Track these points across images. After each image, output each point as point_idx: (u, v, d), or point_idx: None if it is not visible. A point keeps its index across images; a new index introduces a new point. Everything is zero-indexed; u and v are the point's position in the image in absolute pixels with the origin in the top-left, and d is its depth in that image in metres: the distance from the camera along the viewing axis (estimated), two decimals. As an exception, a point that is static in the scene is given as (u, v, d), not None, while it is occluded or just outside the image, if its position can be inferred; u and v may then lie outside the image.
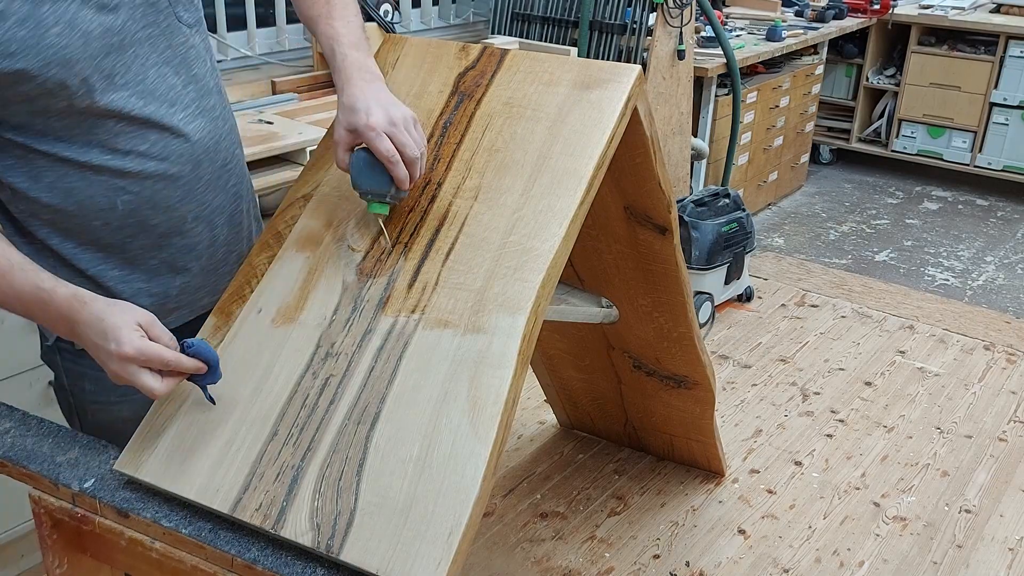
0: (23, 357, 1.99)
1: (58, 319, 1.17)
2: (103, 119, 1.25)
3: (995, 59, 4.74)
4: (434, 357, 1.25)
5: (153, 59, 1.28)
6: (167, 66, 1.30)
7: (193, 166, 1.36)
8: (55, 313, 1.17)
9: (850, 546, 2.34)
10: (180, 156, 1.33)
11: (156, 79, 1.29)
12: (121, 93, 1.25)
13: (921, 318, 3.55)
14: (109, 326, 1.13)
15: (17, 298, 1.17)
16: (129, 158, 1.29)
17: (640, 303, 2.05)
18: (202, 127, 1.36)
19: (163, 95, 1.30)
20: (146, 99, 1.28)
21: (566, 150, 1.40)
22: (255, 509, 1.17)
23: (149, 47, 1.27)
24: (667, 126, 3.67)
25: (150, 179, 1.32)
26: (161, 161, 1.31)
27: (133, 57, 1.25)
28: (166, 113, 1.30)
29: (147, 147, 1.30)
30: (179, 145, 1.33)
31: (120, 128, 1.27)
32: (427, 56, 1.57)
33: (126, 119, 1.27)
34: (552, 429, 2.80)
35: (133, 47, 1.25)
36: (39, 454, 1.30)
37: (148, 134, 1.29)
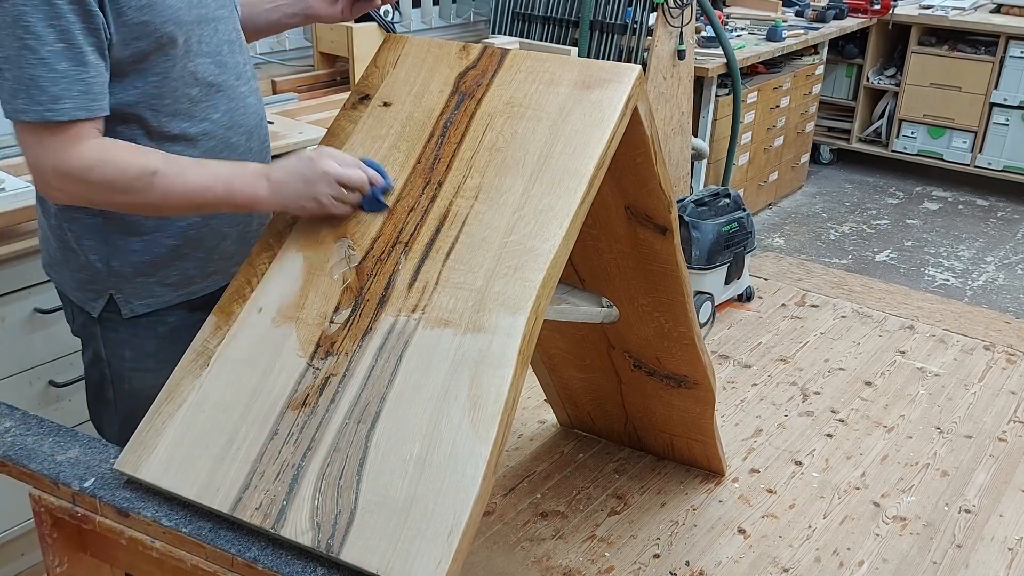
0: (23, 357, 1.99)
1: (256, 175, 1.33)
2: (189, 84, 1.38)
3: (995, 59, 4.74)
4: (434, 356, 1.25)
5: (225, 36, 1.43)
6: (233, 44, 1.45)
7: (247, 137, 1.49)
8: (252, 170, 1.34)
9: (850, 546, 2.34)
10: (240, 126, 1.46)
11: (227, 53, 1.44)
12: (205, 59, 1.39)
13: (921, 318, 3.55)
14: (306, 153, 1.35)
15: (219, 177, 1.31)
16: (204, 124, 1.41)
17: (640, 303, 2.05)
18: (255, 103, 1.51)
19: (232, 68, 1.44)
20: (221, 68, 1.42)
21: (567, 150, 1.40)
22: (255, 508, 1.17)
23: (223, 25, 1.42)
24: (667, 126, 3.67)
25: (216, 146, 1.43)
26: (227, 129, 1.45)
27: (213, 30, 1.40)
28: (235, 84, 1.45)
29: (218, 116, 1.42)
30: (242, 116, 1.46)
31: (199, 94, 1.40)
32: (428, 56, 1.57)
33: (206, 85, 1.40)
34: (552, 428, 2.80)
35: (214, 22, 1.40)
36: (39, 453, 1.30)
37: (220, 102, 1.42)
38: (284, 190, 1.34)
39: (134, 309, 1.48)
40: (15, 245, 1.90)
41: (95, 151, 1.25)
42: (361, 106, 1.54)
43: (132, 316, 1.48)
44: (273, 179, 1.34)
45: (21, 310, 1.96)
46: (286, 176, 1.34)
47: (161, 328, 1.50)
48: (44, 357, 2.02)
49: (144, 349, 1.50)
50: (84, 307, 1.50)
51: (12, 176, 1.97)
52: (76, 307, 1.53)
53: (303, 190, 1.34)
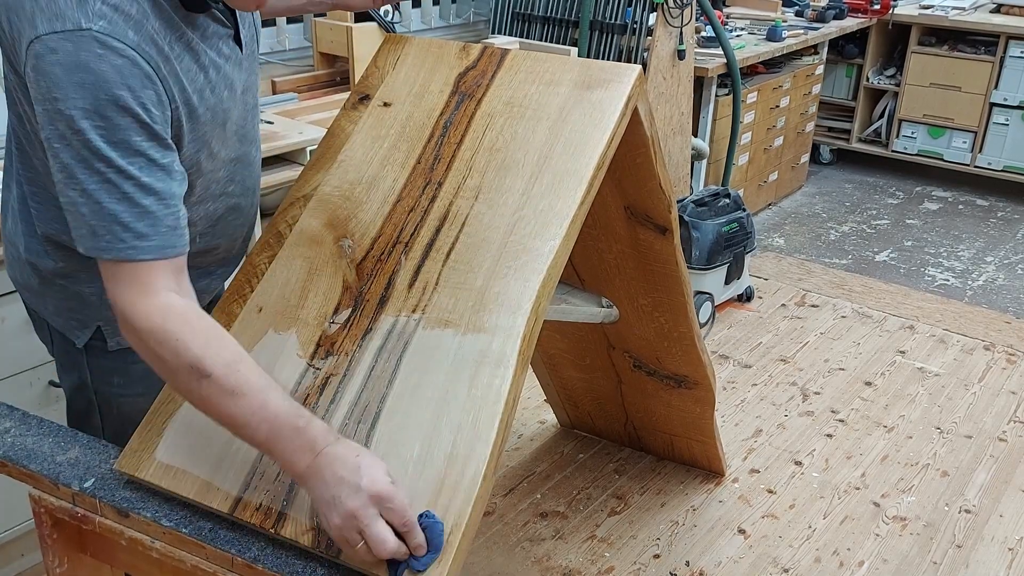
0: (23, 357, 1.99)
1: (307, 448, 1.08)
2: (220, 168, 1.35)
3: (995, 59, 4.74)
4: (435, 356, 1.25)
5: (251, 104, 1.41)
6: (255, 108, 1.43)
7: (252, 194, 1.48)
8: (306, 438, 1.09)
9: (850, 546, 2.34)
10: (249, 189, 1.46)
11: (250, 120, 1.41)
12: (232, 139, 1.36)
13: (921, 318, 3.55)
14: (366, 462, 1.08)
15: (270, 420, 1.09)
16: (221, 199, 1.39)
17: (640, 303, 2.05)
18: (258, 158, 1.51)
19: (251, 135, 1.43)
20: (242, 141, 1.40)
21: (567, 150, 1.40)
22: (255, 509, 1.17)
23: (251, 94, 1.39)
24: (667, 126, 3.67)
25: (229, 212, 1.42)
26: (239, 196, 1.43)
27: (243, 104, 1.37)
28: (250, 150, 1.42)
29: (234, 187, 1.41)
30: (251, 179, 1.45)
31: (225, 174, 1.37)
32: (428, 56, 1.57)
33: (230, 162, 1.37)
34: (552, 428, 2.80)
35: (243, 95, 1.36)
36: (39, 454, 1.30)
37: (236, 173, 1.40)
38: (316, 485, 1.09)
39: (121, 342, 1.39)
40: (15, 245, 1.90)
41: (159, 317, 1.11)
42: (361, 106, 1.54)
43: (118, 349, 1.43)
44: (317, 465, 1.08)
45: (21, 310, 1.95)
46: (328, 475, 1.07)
47: None
48: (44, 357, 2.02)
49: (132, 375, 1.44)
50: (67, 335, 1.44)
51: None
52: (56, 332, 1.46)
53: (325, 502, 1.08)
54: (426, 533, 1.09)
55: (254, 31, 1.41)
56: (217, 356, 1.10)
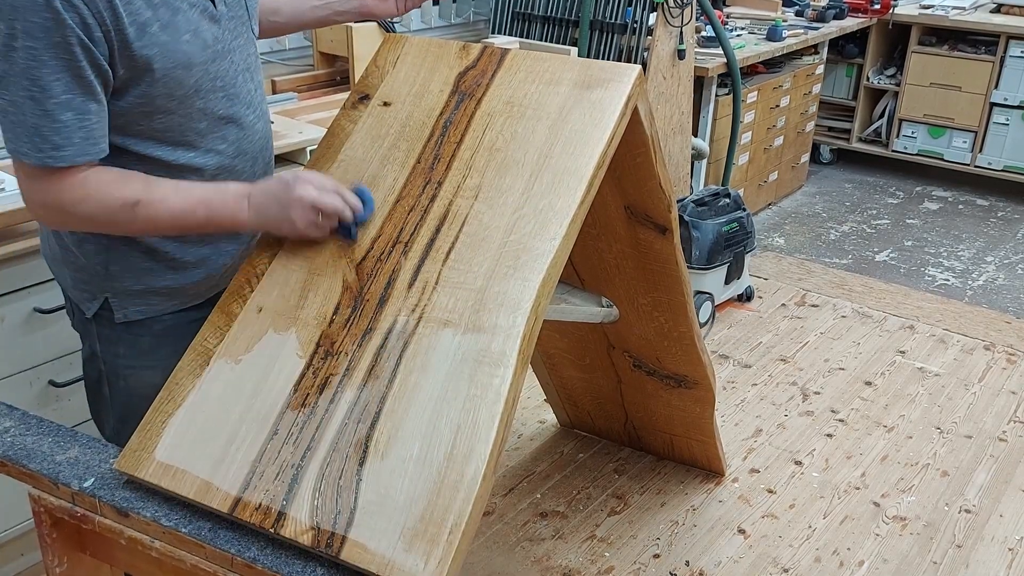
0: (23, 357, 1.99)
1: (237, 197, 1.35)
2: (197, 119, 1.38)
3: (995, 59, 4.73)
4: (434, 356, 1.25)
5: (239, 66, 1.43)
6: (247, 72, 1.46)
7: (252, 163, 1.49)
8: (234, 191, 1.35)
9: (850, 546, 2.34)
10: (246, 153, 1.47)
11: (240, 83, 1.43)
12: (217, 95, 1.39)
13: (921, 318, 3.55)
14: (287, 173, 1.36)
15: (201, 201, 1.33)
16: (210, 155, 1.42)
17: (640, 302, 2.05)
18: (262, 127, 1.51)
19: (243, 97, 1.45)
20: (231, 100, 1.42)
21: (567, 149, 1.40)
22: (255, 508, 1.17)
23: (238, 55, 1.43)
24: (667, 126, 3.67)
25: (222, 173, 1.44)
26: (233, 158, 1.45)
27: (229, 63, 1.40)
28: (243, 113, 1.45)
29: (224, 145, 1.43)
30: (247, 142, 1.47)
31: (207, 127, 1.40)
32: (428, 55, 1.57)
33: (215, 118, 1.41)
34: (552, 428, 2.80)
35: (229, 54, 1.40)
36: (39, 453, 1.30)
37: (227, 133, 1.43)
38: (263, 212, 1.35)
39: (128, 315, 1.48)
40: (15, 245, 1.90)
41: (79, 187, 1.27)
42: (361, 106, 1.54)
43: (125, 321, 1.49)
44: (252, 202, 1.35)
45: (21, 310, 1.96)
46: (264, 198, 1.35)
47: (157, 327, 1.50)
48: (44, 357, 2.02)
49: (139, 347, 1.51)
50: (80, 305, 1.51)
51: (12, 176, 1.97)
52: (73, 303, 1.53)
53: (279, 212, 1.35)
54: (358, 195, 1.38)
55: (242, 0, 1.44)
56: (133, 182, 1.31)
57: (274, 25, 1.68)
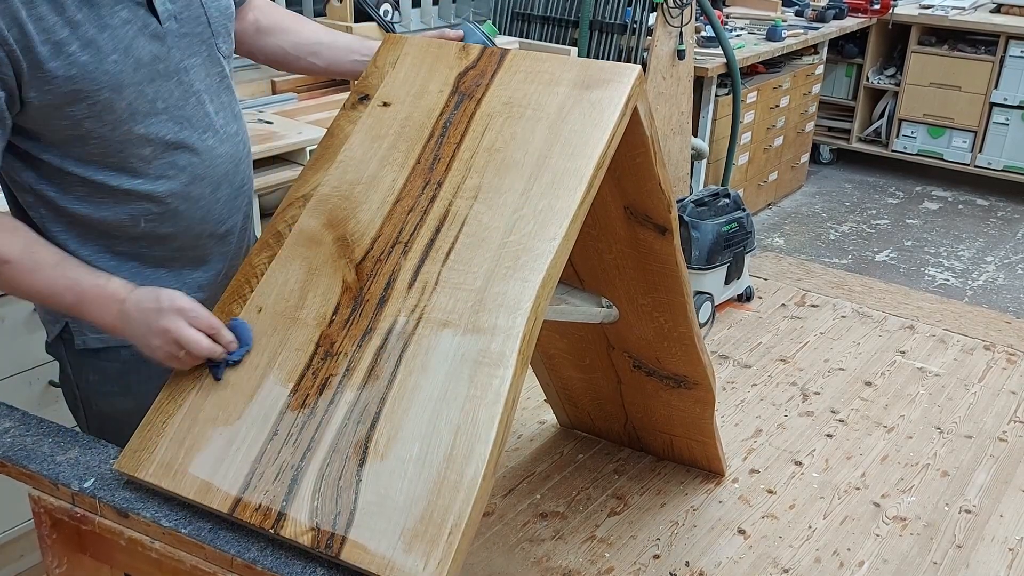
0: (23, 357, 1.99)
1: (111, 299, 1.25)
2: (139, 145, 1.30)
3: (995, 59, 4.74)
4: (434, 357, 1.25)
5: (196, 86, 1.35)
6: (205, 93, 1.37)
7: (214, 188, 1.42)
8: (110, 293, 1.25)
9: (850, 546, 2.34)
10: (203, 178, 1.40)
11: (194, 106, 1.35)
12: (160, 118, 1.31)
13: (921, 318, 3.55)
14: (164, 293, 1.25)
15: (72, 287, 1.25)
16: (159, 182, 1.35)
17: (640, 303, 2.05)
18: (227, 151, 1.42)
19: (198, 121, 1.36)
20: (181, 124, 1.34)
21: (566, 150, 1.40)
22: (255, 509, 1.17)
23: (192, 75, 1.33)
24: (667, 126, 3.67)
25: (174, 199, 1.37)
26: (186, 184, 1.38)
27: (176, 84, 1.32)
28: (198, 139, 1.36)
29: (175, 172, 1.36)
30: (205, 168, 1.39)
31: (152, 153, 1.32)
32: (427, 55, 1.57)
33: (161, 144, 1.32)
34: (552, 429, 2.80)
35: (177, 75, 1.31)
36: (39, 454, 1.30)
37: (178, 159, 1.35)
38: (129, 326, 1.26)
39: (87, 342, 1.43)
40: (14, 245, 1.90)
41: None
42: (360, 106, 1.54)
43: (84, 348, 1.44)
44: (124, 310, 1.25)
45: (21, 310, 1.96)
46: (136, 313, 1.25)
47: (124, 353, 1.43)
48: (44, 357, 2.01)
49: (107, 373, 1.46)
50: (47, 325, 1.47)
51: (11, 176, 1.97)
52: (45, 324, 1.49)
53: (143, 334, 1.25)
54: (235, 332, 1.28)
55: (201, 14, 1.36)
56: (12, 243, 1.23)
57: (312, 67, 1.65)
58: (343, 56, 1.63)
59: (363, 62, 1.61)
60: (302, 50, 1.62)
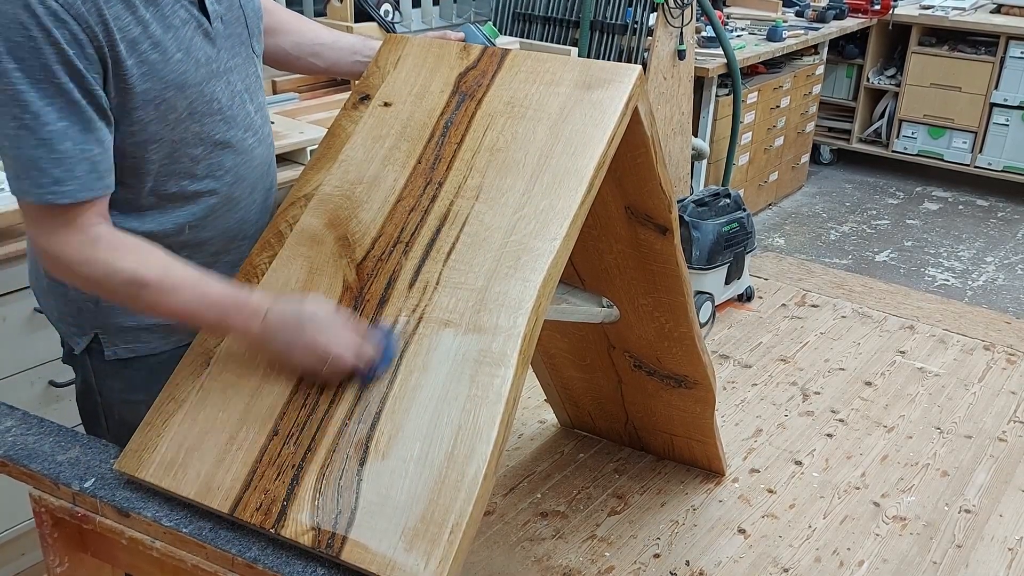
0: (23, 357, 1.99)
1: (253, 315, 1.23)
2: (192, 145, 1.31)
3: (995, 60, 4.74)
4: (435, 356, 1.25)
5: (237, 87, 1.37)
6: (246, 93, 1.40)
7: (251, 190, 1.44)
8: (251, 307, 1.23)
9: (850, 546, 2.34)
10: (244, 179, 1.42)
11: (238, 106, 1.37)
12: (214, 118, 1.33)
13: (921, 318, 3.55)
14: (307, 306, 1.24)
15: (213, 304, 1.23)
16: (206, 182, 1.37)
17: (641, 303, 2.05)
18: (262, 152, 1.45)
19: (241, 121, 1.38)
20: (228, 124, 1.36)
21: (567, 150, 1.40)
22: (255, 508, 1.17)
23: (235, 75, 1.36)
24: (668, 126, 3.67)
25: (218, 200, 1.39)
26: (230, 185, 1.40)
27: (225, 84, 1.34)
28: (241, 138, 1.38)
29: (221, 172, 1.38)
30: (245, 169, 1.41)
31: (203, 153, 1.33)
32: (428, 56, 1.57)
33: (210, 143, 1.34)
34: (552, 428, 2.80)
35: (225, 75, 1.34)
36: (40, 453, 1.30)
37: (225, 159, 1.37)
38: (271, 340, 1.24)
39: (117, 353, 1.43)
40: (15, 245, 1.90)
41: (88, 248, 1.19)
42: (362, 106, 1.54)
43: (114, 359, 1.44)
44: (266, 324, 1.23)
45: (21, 310, 1.96)
46: (278, 326, 1.23)
47: (152, 361, 1.45)
48: (44, 357, 2.02)
49: (134, 382, 1.45)
50: (67, 340, 1.46)
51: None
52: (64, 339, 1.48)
53: (285, 349, 1.24)
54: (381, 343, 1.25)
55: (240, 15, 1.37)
56: (149, 265, 1.21)
57: (313, 67, 1.66)
58: (345, 56, 1.64)
59: (365, 62, 1.61)
60: (303, 50, 1.62)
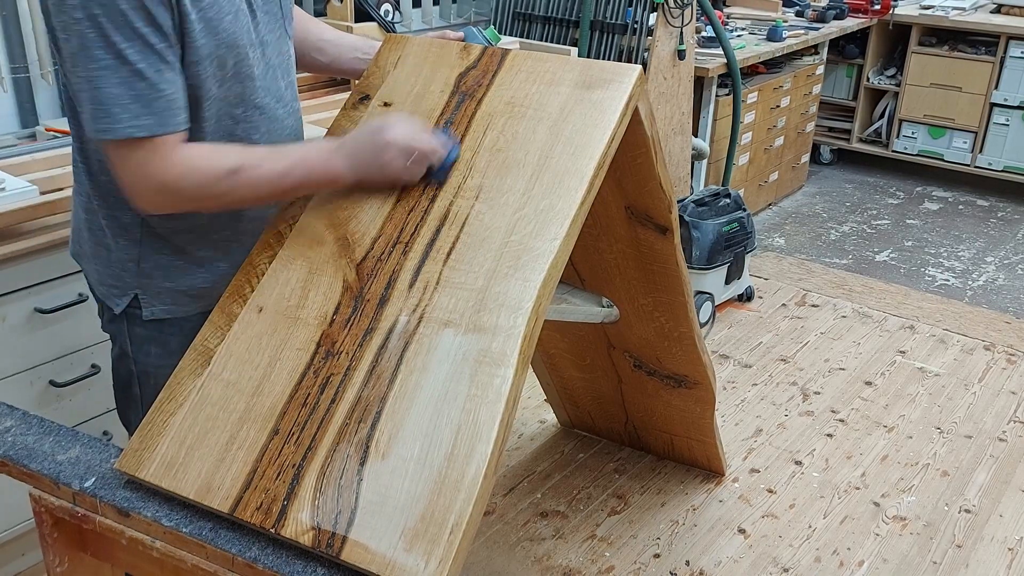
0: (23, 357, 1.99)
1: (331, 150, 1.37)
2: (232, 105, 1.39)
3: (996, 60, 4.74)
4: (435, 356, 1.25)
5: (272, 60, 1.44)
6: (279, 68, 1.46)
7: None
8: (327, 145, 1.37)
9: (850, 546, 2.34)
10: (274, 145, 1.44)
11: (272, 77, 1.43)
12: (253, 82, 1.39)
13: (921, 318, 3.55)
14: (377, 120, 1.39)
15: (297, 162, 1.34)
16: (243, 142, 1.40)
17: (641, 303, 2.06)
18: (292, 124, 1.50)
19: (275, 91, 1.45)
20: (265, 90, 1.43)
21: (567, 150, 1.40)
22: (256, 508, 1.17)
23: (271, 49, 1.43)
24: (668, 126, 3.67)
25: None
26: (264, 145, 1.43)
27: (262, 54, 1.41)
28: (273, 105, 1.45)
29: (257, 136, 1.42)
30: (275, 135, 1.47)
31: (241, 114, 1.39)
32: (428, 56, 1.57)
33: (250, 105, 1.41)
34: (552, 428, 2.80)
35: (263, 46, 1.41)
36: (40, 453, 1.30)
37: (260, 122, 1.42)
38: (357, 160, 1.37)
39: (155, 313, 1.49)
40: (15, 245, 1.90)
41: (179, 162, 1.27)
42: (361, 106, 1.54)
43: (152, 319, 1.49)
44: (346, 152, 1.37)
45: (21, 310, 1.96)
46: (356, 146, 1.37)
47: (187, 326, 1.49)
48: (44, 357, 2.02)
49: (169, 346, 1.50)
50: (107, 302, 1.51)
51: (12, 176, 1.97)
52: (102, 302, 1.53)
53: (373, 159, 1.36)
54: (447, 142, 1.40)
55: None
56: (230, 151, 1.32)
57: (315, 63, 1.69)
58: (346, 53, 1.67)
59: (365, 60, 1.63)
60: (307, 46, 1.65)
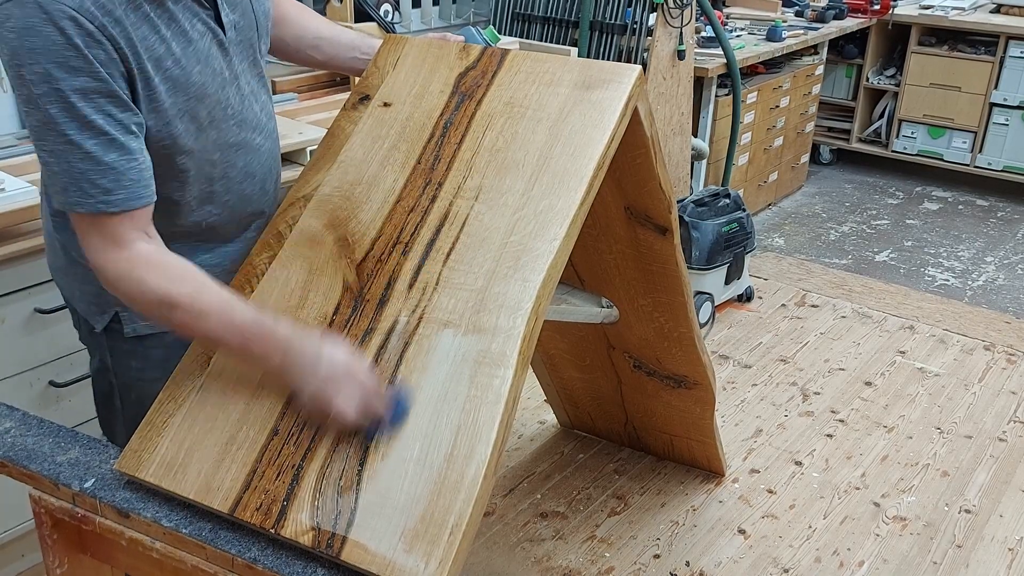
0: (23, 357, 1.99)
1: (275, 345, 1.23)
2: (212, 151, 1.35)
3: (995, 59, 4.73)
4: (435, 357, 1.25)
5: (247, 90, 1.41)
6: (253, 96, 1.43)
7: (261, 183, 1.47)
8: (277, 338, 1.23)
9: (850, 546, 2.34)
10: (254, 175, 1.45)
11: (248, 108, 1.40)
12: (229, 123, 1.37)
13: (921, 318, 3.55)
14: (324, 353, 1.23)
15: (237, 331, 1.23)
16: (221, 182, 1.39)
17: (640, 303, 2.05)
18: (269, 147, 1.48)
19: (251, 122, 1.42)
20: (241, 126, 1.40)
21: (567, 150, 1.40)
22: (255, 509, 1.17)
23: (245, 80, 1.40)
24: (667, 126, 3.67)
25: (230, 196, 1.42)
26: (241, 182, 1.43)
27: (236, 90, 1.37)
28: (253, 138, 1.42)
29: (235, 172, 1.40)
30: (256, 167, 1.44)
31: (219, 158, 1.37)
32: (428, 56, 1.57)
33: (227, 146, 1.37)
34: (552, 429, 2.80)
35: (237, 80, 1.38)
36: (39, 454, 1.30)
37: (238, 159, 1.40)
38: (291, 372, 1.24)
39: (137, 329, 1.47)
40: (15, 245, 1.90)
41: (125, 266, 1.23)
42: (361, 107, 1.54)
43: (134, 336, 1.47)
44: (287, 359, 1.23)
45: (21, 310, 1.96)
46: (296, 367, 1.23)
47: (169, 338, 1.45)
48: (44, 357, 2.02)
49: (151, 359, 1.49)
50: (88, 320, 1.49)
51: (12, 176, 1.97)
52: (81, 317, 1.51)
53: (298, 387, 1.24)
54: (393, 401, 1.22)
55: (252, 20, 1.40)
56: (181, 288, 1.23)
57: (309, 58, 1.67)
58: (343, 52, 1.65)
59: (364, 60, 1.62)
60: (303, 43, 1.64)
